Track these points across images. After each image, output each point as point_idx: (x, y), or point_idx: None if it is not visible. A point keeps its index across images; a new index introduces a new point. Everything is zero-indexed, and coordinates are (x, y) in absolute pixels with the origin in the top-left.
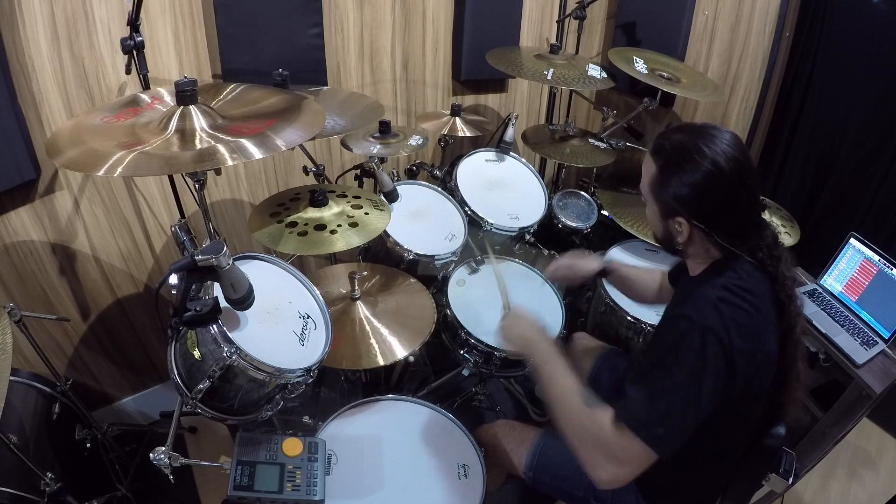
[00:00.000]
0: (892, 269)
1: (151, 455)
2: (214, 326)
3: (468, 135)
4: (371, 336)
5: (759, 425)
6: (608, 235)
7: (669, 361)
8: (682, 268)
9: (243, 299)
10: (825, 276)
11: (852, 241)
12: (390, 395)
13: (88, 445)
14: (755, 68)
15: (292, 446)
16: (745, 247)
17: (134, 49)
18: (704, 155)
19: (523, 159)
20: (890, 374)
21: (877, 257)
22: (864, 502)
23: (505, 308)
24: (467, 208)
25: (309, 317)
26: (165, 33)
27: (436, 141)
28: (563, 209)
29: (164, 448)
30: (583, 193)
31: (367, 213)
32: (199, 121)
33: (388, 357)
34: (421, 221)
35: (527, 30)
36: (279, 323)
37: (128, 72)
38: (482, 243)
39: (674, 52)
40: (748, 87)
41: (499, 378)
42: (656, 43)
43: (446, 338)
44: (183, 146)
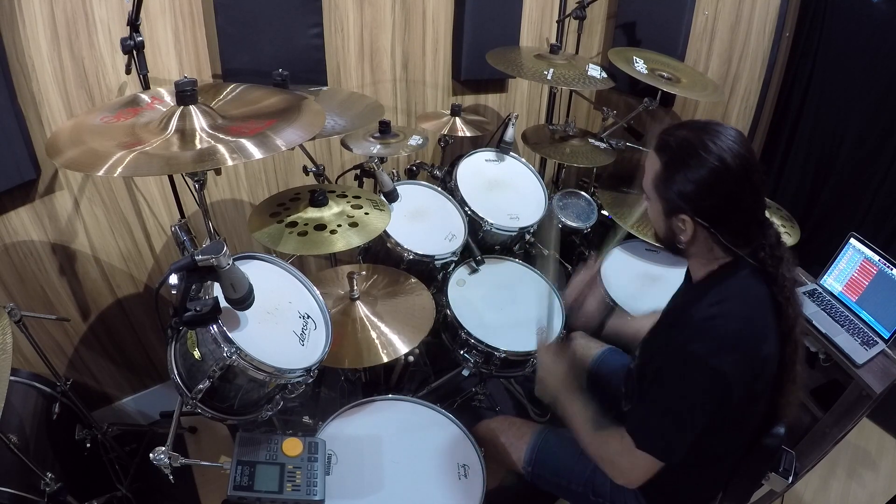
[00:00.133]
0: (892, 269)
1: (151, 455)
2: (214, 326)
3: (468, 135)
4: (371, 335)
5: (758, 425)
6: (608, 235)
7: (665, 387)
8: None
9: (243, 299)
10: (825, 276)
11: (852, 241)
12: (390, 395)
13: (88, 445)
14: (755, 68)
15: (292, 446)
16: (748, 247)
17: (134, 49)
18: (710, 151)
19: (523, 159)
20: (890, 374)
21: (877, 257)
22: (864, 502)
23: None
24: (467, 208)
25: (309, 317)
26: (165, 33)
27: (436, 141)
28: (563, 209)
29: (164, 448)
30: (583, 193)
31: (367, 213)
32: (199, 121)
33: (389, 354)
34: (421, 221)
35: (527, 30)
36: (279, 323)
37: (128, 72)
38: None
39: (674, 52)
40: (748, 87)
41: (499, 378)
42: (656, 43)
43: (446, 338)
44: (183, 146)
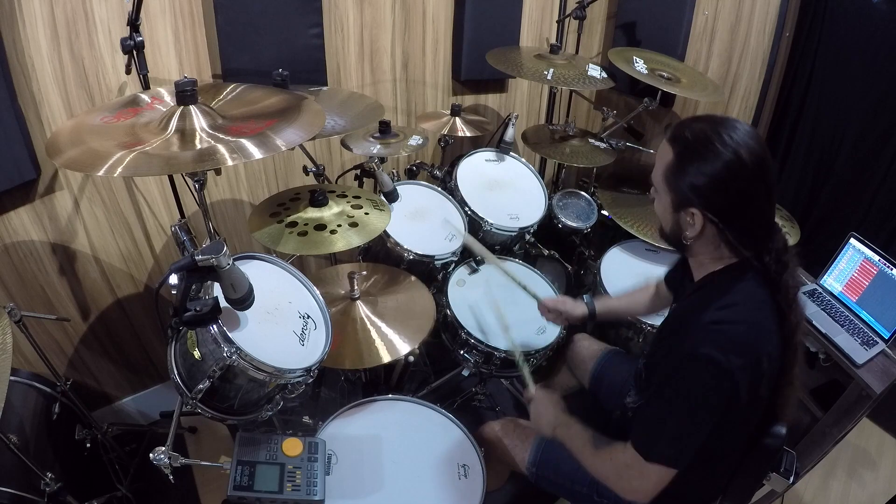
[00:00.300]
0: (892, 269)
1: (151, 455)
2: (214, 326)
3: (468, 135)
4: (371, 335)
5: (757, 426)
6: (608, 235)
7: (672, 392)
8: (679, 272)
9: (243, 299)
10: (825, 276)
11: (852, 241)
12: (390, 395)
13: (88, 445)
14: (755, 68)
15: (292, 446)
16: (754, 249)
17: (134, 49)
18: (727, 144)
19: (523, 159)
20: (890, 374)
21: (877, 257)
22: (864, 502)
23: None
24: (467, 208)
25: (309, 317)
26: (165, 33)
27: (436, 141)
28: (563, 209)
29: (164, 448)
30: (583, 193)
31: (367, 213)
32: (199, 121)
33: (390, 354)
34: (421, 221)
35: (527, 30)
36: (279, 323)
37: (128, 72)
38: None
39: (674, 52)
40: (748, 87)
41: (499, 378)
42: (656, 43)
43: (446, 338)
44: (183, 146)
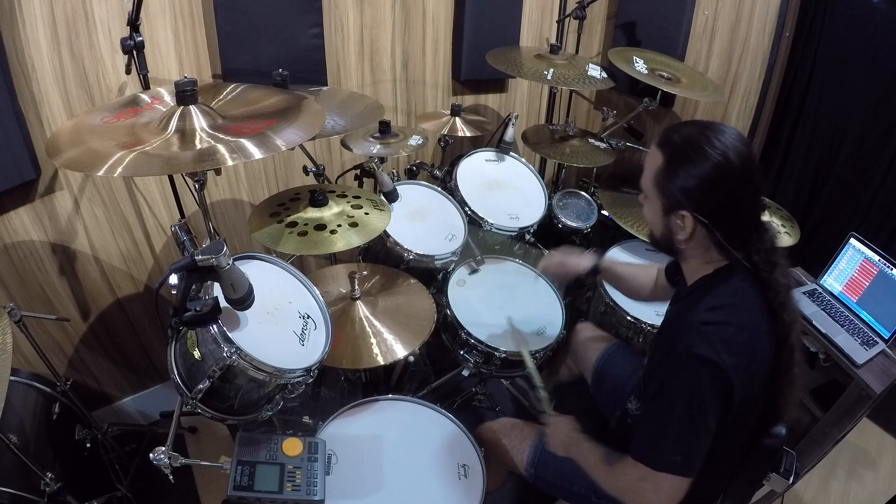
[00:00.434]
0: (892, 269)
1: (151, 455)
2: (214, 326)
3: (468, 135)
4: (371, 336)
5: (756, 427)
6: (608, 235)
7: (669, 396)
8: (679, 269)
9: (243, 299)
10: (825, 276)
11: (852, 241)
12: (390, 395)
13: (88, 445)
14: (755, 68)
15: (292, 446)
16: (744, 249)
17: (134, 49)
18: (715, 147)
19: (523, 159)
20: (890, 374)
21: (877, 257)
22: (864, 502)
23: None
24: (467, 208)
25: (309, 317)
26: (165, 33)
27: (436, 141)
28: (563, 209)
29: (164, 448)
30: (583, 193)
31: (367, 213)
32: (199, 121)
33: (389, 356)
34: (421, 221)
35: (527, 30)
36: (279, 323)
37: (128, 72)
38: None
39: (674, 52)
40: (748, 87)
41: (499, 378)
42: (656, 43)
43: (446, 338)
44: (183, 146)
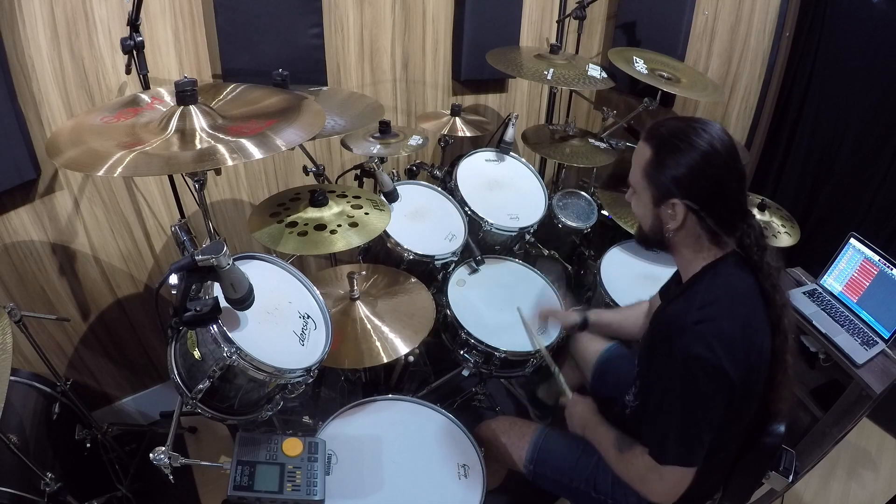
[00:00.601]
0: (892, 269)
1: (151, 455)
2: (214, 326)
3: (468, 135)
4: (371, 335)
5: (755, 422)
6: (608, 235)
7: (671, 396)
8: (672, 281)
9: (243, 299)
10: (825, 276)
11: (852, 241)
12: (390, 395)
13: (88, 445)
14: (755, 68)
15: (292, 446)
16: (734, 235)
17: (134, 49)
18: (700, 135)
19: (523, 159)
20: (890, 374)
21: (877, 257)
22: (864, 502)
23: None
24: (467, 208)
25: (309, 317)
26: (165, 33)
27: (436, 141)
28: (563, 209)
29: (164, 448)
30: (583, 193)
31: (367, 213)
32: (199, 121)
33: (390, 355)
34: (421, 221)
35: (527, 30)
36: (279, 323)
37: (128, 72)
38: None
39: (674, 52)
40: (748, 87)
41: (499, 378)
42: (656, 43)
43: (446, 338)
44: (183, 146)
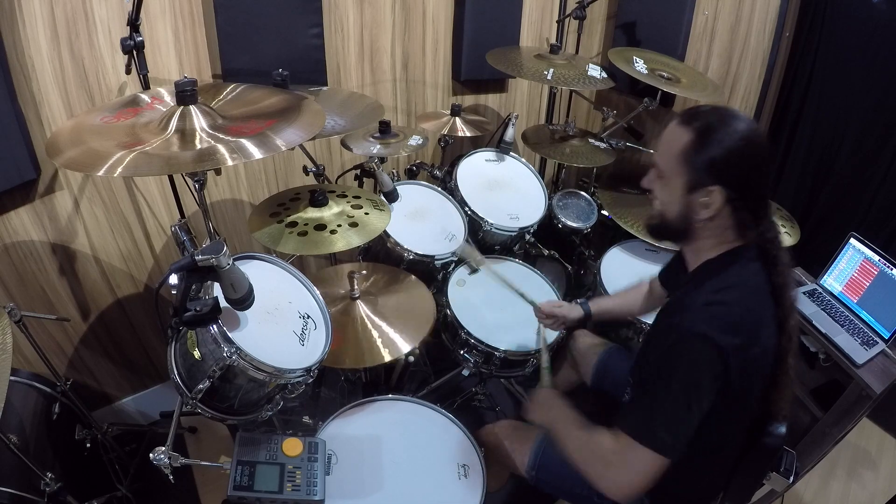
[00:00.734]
0: (892, 269)
1: (151, 455)
2: (214, 326)
3: (468, 135)
4: (372, 334)
5: (755, 422)
6: (608, 235)
7: (666, 372)
8: (674, 268)
9: (243, 299)
10: (825, 276)
11: (852, 241)
12: (390, 395)
13: (88, 445)
14: (755, 68)
15: (292, 446)
16: (759, 227)
17: (134, 49)
18: (741, 120)
19: (523, 159)
20: (890, 374)
21: (877, 257)
22: (864, 502)
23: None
24: (467, 208)
25: (309, 317)
26: (165, 33)
27: (436, 141)
28: (563, 209)
29: (164, 448)
30: (583, 193)
31: (367, 213)
32: (199, 121)
33: (390, 354)
34: (421, 221)
35: (527, 30)
36: (279, 323)
37: (128, 72)
38: (471, 253)
39: (674, 52)
40: (748, 87)
41: (499, 378)
42: (656, 43)
43: (446, 338)
44: (183, 146)
